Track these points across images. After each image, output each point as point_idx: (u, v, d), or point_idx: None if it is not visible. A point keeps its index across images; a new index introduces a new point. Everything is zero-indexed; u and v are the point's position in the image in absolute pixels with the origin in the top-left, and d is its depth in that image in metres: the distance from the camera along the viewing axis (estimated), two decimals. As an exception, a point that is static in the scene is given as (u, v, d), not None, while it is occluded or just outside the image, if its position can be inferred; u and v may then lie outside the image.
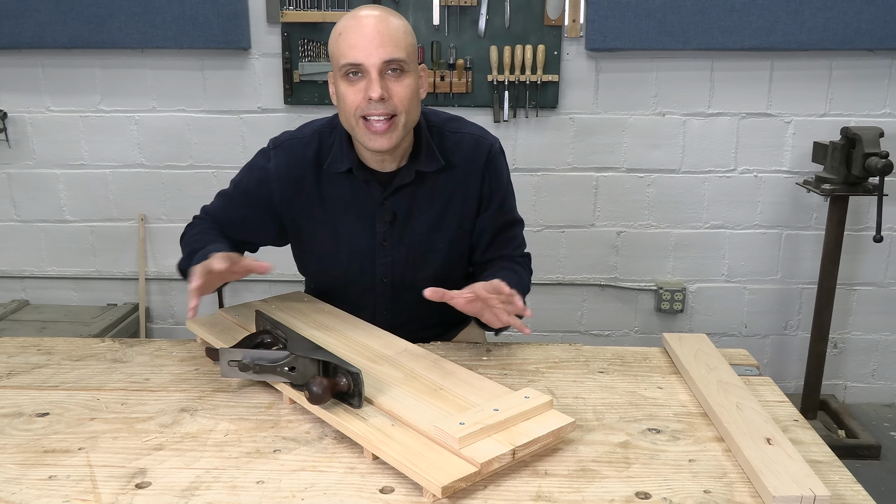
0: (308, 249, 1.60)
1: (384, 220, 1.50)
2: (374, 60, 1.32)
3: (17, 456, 1.08)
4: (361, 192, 1.50)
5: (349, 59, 1.33)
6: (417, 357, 1.33)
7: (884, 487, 2.51)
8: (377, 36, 1.32)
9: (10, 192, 3.05)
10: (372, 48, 1.32)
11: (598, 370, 1.37)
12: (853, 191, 2.56)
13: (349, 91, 1.35)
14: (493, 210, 1.56)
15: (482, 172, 1.52)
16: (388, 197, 1.49)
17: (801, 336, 3.05)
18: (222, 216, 1.60)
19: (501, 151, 1.57)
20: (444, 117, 1.55)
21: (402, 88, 1.35)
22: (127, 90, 2.93)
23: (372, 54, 1.32)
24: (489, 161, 1.52)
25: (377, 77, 1.32)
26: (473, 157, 1.51)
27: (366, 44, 1.32)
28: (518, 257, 1.61)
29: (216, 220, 1.61)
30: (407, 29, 1.38)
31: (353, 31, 1.34)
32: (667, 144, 2.90)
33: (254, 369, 1.19)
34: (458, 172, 1.51)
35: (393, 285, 1.57)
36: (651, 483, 1.01)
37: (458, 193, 1.52)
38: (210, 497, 0.98)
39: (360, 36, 1.32)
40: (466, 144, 1.51)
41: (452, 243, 1.56)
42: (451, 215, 1.53)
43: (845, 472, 1.04)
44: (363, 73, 1.34)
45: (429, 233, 1.53)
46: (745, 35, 2.71)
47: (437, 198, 1.51)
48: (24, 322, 2.88)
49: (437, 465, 0.98)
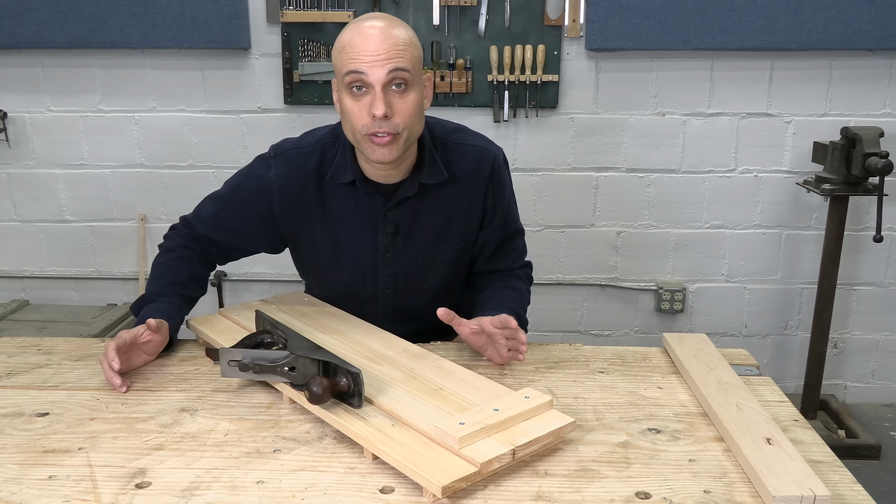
0: (308, 259, 1.59)
1: (386, 232, 1.49)
2: (378, 75, 1.29)
3: (17, 456, 1.08)
4: (364, 204, 1.48)
5: (353, 73, 1.30)
6: (417, 357, 1.33)
7: (884, 487, 2.51)
8: (382, 49, 1.28)
9: (10, 192, 3.04)
10: (376, 62, 1.28)
11: (598, 370, 1.37)
12: (853, 191, 2.56)
13: (354, 107, 1.32)
14: (496, 223, 1.55)
15: (486, 184, 1.51)
16: (391, 209, 1.48)
17: (801, 336, 3.05)
18: (214, 222, 1.56)
19: (505, 162, 1.56)
20: (448, 128, 1.53)
21: (406, 105, 1.32)
22: (127, 90, 2.93)
23: (376, 69, 1.28)
24: (493, 173, 1.51)
25: (381, 94, 1.29)
26: (478, 169, 1.50)
27: (370, 58, 1.28)
28: (518, 269, 1.62)
29: (209, 227, 1.56)
30: (412, 40, 1.34)
31: (357, 43, 1.29)
32: (667, 144, 2.90)
33: (254, 369, 1.19)
34: (461, 184, 1.49)
35: (395, 296, 1.57)
36: (651, 483, 1.00)
37: (461, 205, 1.51)
38: (210, 497, 0.98)
39: (364, 49, 1.28)
40: (471, 156, 1.50)
41: (455, 255, 1.55)
42: (455, 227, 1.52)
43: (845, 472, 1.04)
44: (367, 88, 1.31)
45: (432, 244, 1.52)
46: (745, 35, 2.71)
47: (440, 210, 1.50)
48: (24, 322, 2.87)
49: (437, 465, 0.98)
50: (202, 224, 1.58)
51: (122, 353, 1.29)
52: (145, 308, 1.44)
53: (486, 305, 1.47)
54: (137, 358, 1.35)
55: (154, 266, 1.56)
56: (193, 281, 1.55)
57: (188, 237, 1.59)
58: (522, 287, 1.59)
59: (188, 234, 1.59)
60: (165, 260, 1.56)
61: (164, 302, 1.45)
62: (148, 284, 1.53)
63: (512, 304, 1.48)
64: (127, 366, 1.32)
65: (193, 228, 1.59)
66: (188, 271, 1.55)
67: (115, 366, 1.26)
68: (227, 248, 1.60)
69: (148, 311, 1.42)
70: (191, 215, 1.61)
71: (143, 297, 1.48)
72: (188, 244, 1.58)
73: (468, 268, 1.63)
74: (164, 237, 1.61)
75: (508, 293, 1.53)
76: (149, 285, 1.52)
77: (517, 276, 1.60)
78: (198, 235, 1.58)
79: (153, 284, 1.51)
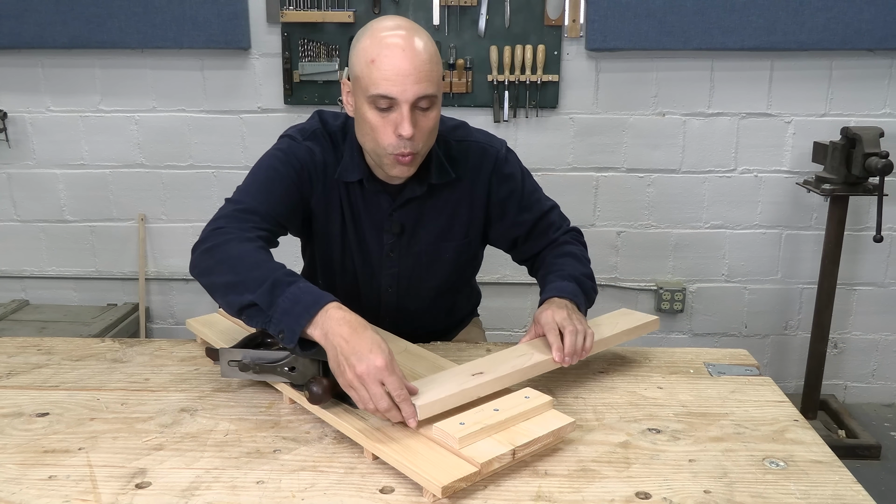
0: (318, 248, 1.56)
1: (392, 232, 1.49)
2: (408, 97, 1.27)
3: (17, 456, 1.08)
4: (371, 203, 1.48)
5: (383, 93, 1.27)
6: (417, 357, 1.33)
7: (884, 487, 2.51)
8: (413, 71, 1.26)
9: (10, 192, 3.04)
10: (408, 84, 1.26)
11: (598, 370, 1.37)
12: (853, 191, 2.56)
13: (379, 123, 1.30)
14: (513, 212, 1.53)
15: (489, 181, 1.50)
16: (397, 209, 1.47)
17: (801, 336, 3.05)
18: (265, 199, 1.36)
19: (509, 153, 1.54)
20: (449, 125, 1.52)
21: (428, 122, 1.32)
22: (127, 90, 2.93)
23: (408, 90, 1.26)
24: (496, 169, 1.50)
25: (408, 114, 1.27)
26: (479, 166, 1.49)
27: (402, 79, 1.26)
28: (562, 236, 1.56)
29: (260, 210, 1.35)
30: (436, 56, 1.32)
31: (386, 62, 1.26)
32: (667, 144, 2.90)
33: (254, 369, 1.19)
34: (465, 182, 1.49)
35: (398, 294, 1.57)
36: (651, 483, 1.01)
37: (464, 203, 1.50)
38: (210, 497, 0.98)
39: (393, 68, 1.25)
40: (473, 154, 1.49)
41: (458, 253, 1.55)
42: (458, 225, 1.52)
43: (845, 472, 1.04)
44: (394, 107, 1.29)
45: (435, 243, 1.52)
46: (745, 35, 2.71)
47: (444, 208, 1.50)
48: (24, 322, 2.88)
49: (437, 465, 0.98)
50: (250, 199, 1.36)
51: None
52: (295, 286, 1.15)
53: (545, 282, 1.44)
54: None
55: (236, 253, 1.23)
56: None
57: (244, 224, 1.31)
58: (576, 255, 1.51)
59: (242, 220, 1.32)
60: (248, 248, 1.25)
61: (304, 282, 1.19)
62: (253, 268, 1.19)
63: (570, 271, 1.44)
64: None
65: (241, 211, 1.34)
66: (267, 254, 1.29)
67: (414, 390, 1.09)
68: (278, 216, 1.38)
69: (315, 292, 1.15)
70: (230, 201, 1.37)
71: (275, 280, 1.16)
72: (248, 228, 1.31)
73: (474, 265, 1.62)
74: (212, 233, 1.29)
75: (562, 261, 1.49)
76: (258, 269, 1.19)
77: (566, 241, 1.55)
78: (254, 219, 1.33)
79: (267, 267, 1.19)
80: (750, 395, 1.27)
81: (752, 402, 1.25)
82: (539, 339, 1.31)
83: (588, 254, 1.57)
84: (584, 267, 1.49)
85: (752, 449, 1.10)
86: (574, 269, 1.45)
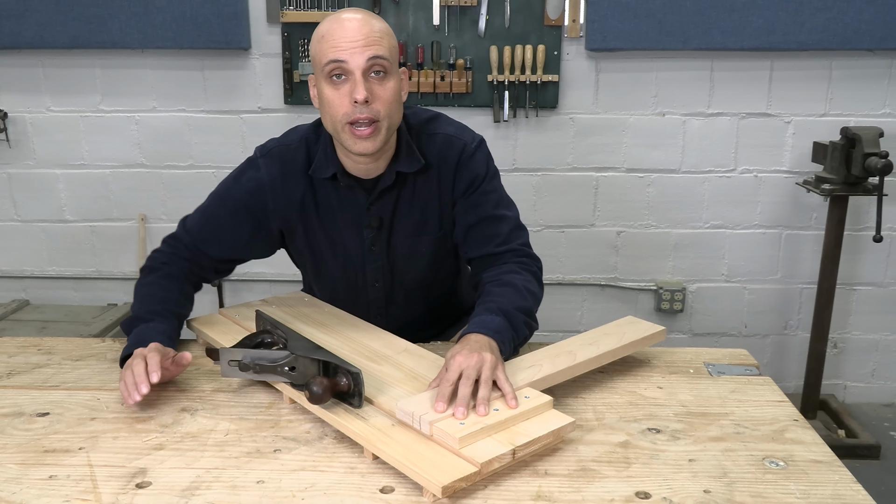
0: (304, 254, 1.58)
1: (371, 226, 1.50)
2: (358, 61, 1.31)
3: (18, 456, 1.08)
4: (347, 199, 1.49)
5: (334, 62, 1.32)
6: (417, 357, 1.33)
7: (884, 487, 2.51)
8: (361, 37, 1.32)
9: (10, 192, 3.04)
10: (356, 48, 1.31)
11: (598, 370, 1.37)
12: (853, 191, 2.56)
13: (334, 95, 1.34)
14: (462, 207, 1.49)
15: (453, 173, 1.48)
16: (374, 202, 1.48)
17: (801, 336, 3.05)
18: (205, 233, 1.52)
19: (479, 149, 1.49)
20: (424, 117, 1.52)
21: (385, 91, 1.34)
22: (127, 90, 2.93)
23: (356, 54, 1.31)
24: (461, 162, 1.47)
25: (361, 79, 1.31)
26: (446, 157, 1.48)
27: (350, 44, 1.31)
28: (511, 258, 1.48)
29: (199, 239, 1.51)
30: (389, 31, 1.38)
31: (336, 32, 1.33)
32: (667, 144, 2.90)
33: (254, 369, 1.19)
34: (433, 173, 1.48)
35: (385, 289, 1.57)
36: (651, 483, 1.01)
37: (434, 195, 1.50)
38: (210, 497, 0.98)
39: (343, 37, 1.32)
40: (440, 144, 1.48)
41: (436, 245, 1.54)
42: (432, 217, 1.51)
43: (845, 472, 1.04)
44: (347, 76, 1.33)
45: (412, 236, 1.52)
46: (745, 35, 2.71)
47: (417, 201, 1.49)
48: (25, 322, 2.87)
49: (437, 464, 0.98)
50: (192, 237, 1.52)
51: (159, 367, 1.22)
52: (141, 327, 1.36)
53: (473, 313, 1.34)
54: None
55: (141, 286, 1.48)
56: (184, 297, 1.49)
57: (173, 256, 1.52)
58: (517, 279, 1.42)
59: (172, 253, 1.52)
60: (153, 279, 1.48)
61: (164, 322, 1.39)
62: (137, 304, 1.44)
63: (502, 304, 1.33)
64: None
65: (181, 244, 1.53)
66: (177, 289, 1.48)
67: (155, 378, 1.19)
68: (219, 259, 1.55)
69: (146, 330, 1.35)
70: (177, 232, 1.55)
71: (136, 316, 1.40)
72: (173, 261, 1.51)
73: (454, 258, 1.61)
74: (148, 259, 1.53)
75: (498, 290, 1.38)
76: (139, 305, 1.43)
77: (512, 270, 1.45)
78: (186, 252, 1.52)
79: (146, 303, 1.42)
80: (750, 395, 1.27)
81: (751, 402, 1.25)
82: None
83: (537, 286, 1.45)
84: (523, 300, 1.37)
85: (752, 449, 1.10)
86: (509, 301, 1.34)
